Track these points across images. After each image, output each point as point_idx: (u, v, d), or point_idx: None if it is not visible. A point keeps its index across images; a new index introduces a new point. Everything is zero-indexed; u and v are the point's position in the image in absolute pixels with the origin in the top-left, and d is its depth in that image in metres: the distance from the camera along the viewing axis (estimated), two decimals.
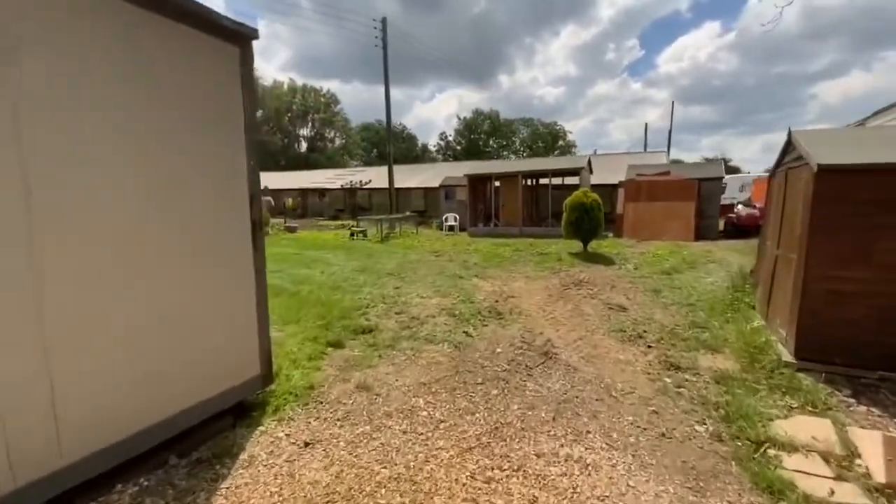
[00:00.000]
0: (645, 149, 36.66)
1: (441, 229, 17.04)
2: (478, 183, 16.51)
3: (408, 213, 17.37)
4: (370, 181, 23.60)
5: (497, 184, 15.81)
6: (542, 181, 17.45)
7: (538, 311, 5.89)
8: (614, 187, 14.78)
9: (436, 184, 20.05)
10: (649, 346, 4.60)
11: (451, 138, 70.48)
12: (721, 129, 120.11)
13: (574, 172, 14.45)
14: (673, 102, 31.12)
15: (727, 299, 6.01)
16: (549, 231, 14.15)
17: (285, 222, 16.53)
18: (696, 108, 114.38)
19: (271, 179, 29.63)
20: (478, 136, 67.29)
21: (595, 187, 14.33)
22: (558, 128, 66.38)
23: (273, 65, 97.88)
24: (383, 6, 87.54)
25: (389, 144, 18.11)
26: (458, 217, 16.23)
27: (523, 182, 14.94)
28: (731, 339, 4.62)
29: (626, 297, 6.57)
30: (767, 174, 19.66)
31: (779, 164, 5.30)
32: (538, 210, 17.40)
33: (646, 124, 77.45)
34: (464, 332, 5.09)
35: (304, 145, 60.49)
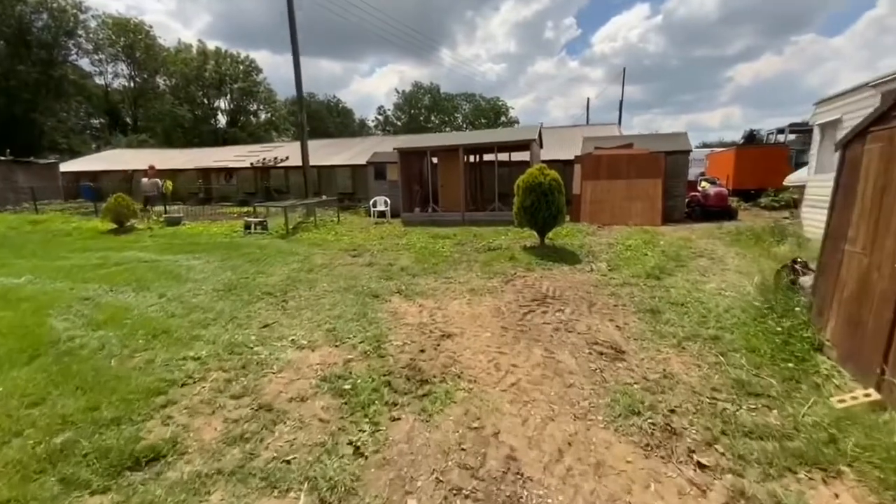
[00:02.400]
0: (587, 124, 35.63)
1: (370, 216, 14.25)
2: (412, 159, 13.83)
3: (324, 198, 14.33)
4: (287, 158, 19.95)
5: (435, 160, 13.25)
6: (487, 157, 15.16)
7: (488, 370, 3.53)
8: (567, 163, 12.79)
9: (364, 160, 17.06)
10: (699, 464, 2.40)
11: (389, 113, 66.37)
12: (649, 108, 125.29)
13: (523, 146, 12.23)
14: (624, 70, 29.74)
15: (763, 328, 4.03)
16: (495, 217, 11.93)
17: (165, 211, 12.92)
18: (628, 88, 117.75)
19: (166, 158, 24.74)
20: (418, 110, 63.73)
21: (546, 164, 12.28)
22: (500, 103, 64.44)
23: (192, 31, 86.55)
24: None
25: (302, 110, 14.72)
26: (388, 201, 13.51)
27: (465, 159, 12.50)
28: (832, 429, 2.55)
29: (614, 324, 4.41)
30: (722, 149, 18.56)
31: (866, 129, 3.25)
32: (483, 192, 15.12)
33: (587, 98, 77.49)
34: (350, 443, 2.60)
35: (223, 120, 53.53)
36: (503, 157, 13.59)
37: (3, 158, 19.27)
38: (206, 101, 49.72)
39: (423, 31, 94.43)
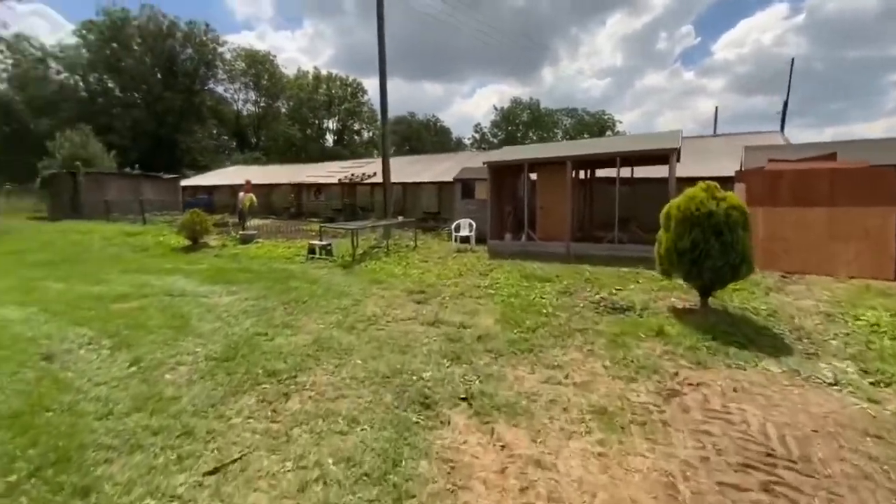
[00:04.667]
0: (714, 135, 29.79)
1: (452, 240, 12.19)
2: (504, 175, 11.50)
3: (400, 219, 12.60)
4: (374, 174, 19.05)
5: (533, 177, 10.73)
6: (600, 173, 12.18)
7: None
8: (723, 181, 9.28)
9: (451, 177, 15.20)
10: None
11: (486, 130, 65.27)
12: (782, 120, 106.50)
13: (658, 157, 9.10)
14: (793, 60, 23.98)
15: None
16: (614, 252, 8.98)
17: (242, 228, 12.41)
18: (758, 98, 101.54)
19: (268, 174, 25.86)
20: (515, 127, 61.59)
21: (683, 182, 9.02)
22: (607, 117, 59.32)
23: (318, 62, 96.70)
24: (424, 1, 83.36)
25: (384, 122, 13.31)
26: (474, 225, 11.28)
27: (573, 174, 9.78)
28: None
29: None
30: None
31: None
32: (593, 217, 12.13)
33: (716, 107, 67.97)
34: None
35: (330, 139, 57.32)
36: (625, 172, 10.55)
37: (133, 173, 21.43)
38: (316, 122, 53.54)
39: (524, 49, 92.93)
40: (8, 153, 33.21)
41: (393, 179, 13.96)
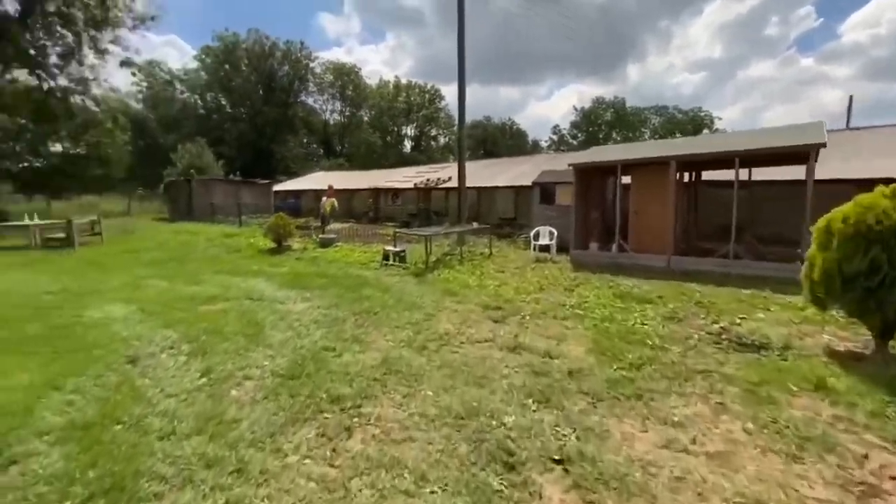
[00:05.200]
0: (847, 128, 25.00)
1: (530, 248, 11.39)
2: (592, 178, 10.45)
3: (475, 225, 12.02)
4: (449, 179, 18.81)
5: (626, 180, 9.57)
6: (706, 174, 10.58)
7: None
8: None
9: (529, 181, 14.36)
10: None
11: (565, 131, 62.69)
12: None
13: (794, 155, 7.47)
14: None
15: None
16: (727, 268, 7.58)
17: (322, 231, 12.78)
18: (883, 86, 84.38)
19: (349, 179, 26.99)
20: (597, 127, 58.27)
21: (823, 185, 7.27)
22: (703, 114, 53.63)
23: (398, 72, 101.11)
24: (503, 3, 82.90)
25: (461, 125, 12.89)
26: (555, 233, 10.36)
27: (678, 176, 8.47)
28: None
29: None
30: None
31: None
32: (697, 225, 10.57)
33: (850, 97, 57.93)
34: None
35: (408, 145, 59.09)
36: (730, 173, 8.93)
37: (235, 179, 23.63)
38: (395, 129, 55.48)
39: (607, 47, 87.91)
40: (142, 164, 38.86)
41: (468, 184, 13.52)
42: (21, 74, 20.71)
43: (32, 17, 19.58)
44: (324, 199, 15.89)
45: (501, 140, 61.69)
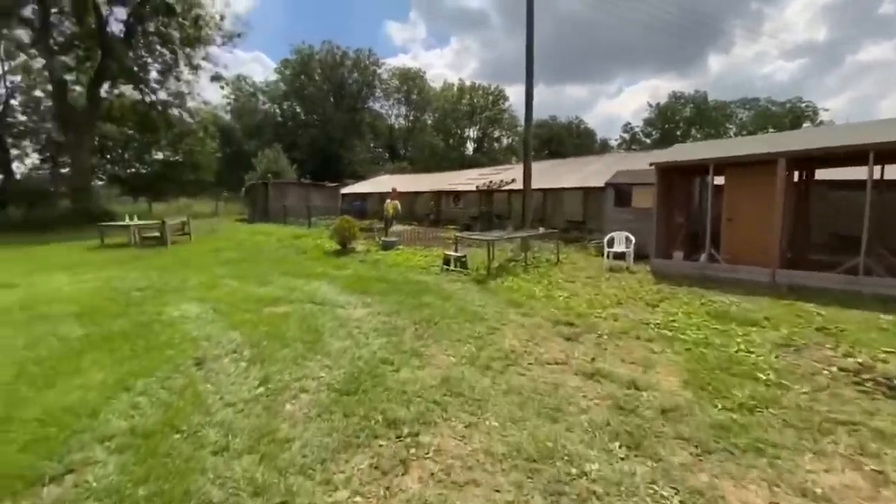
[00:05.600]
0: None
1: (602, 255, 10.51)
2: (677, 179, 9.37)
3: (541, 230, 11.31)
4: (513, 181, 18.17)
5: (719, 180, 8.41)
6: (820, 173, 9.04)
7: None
8: None
9: (601, 182, 13.36)
10: None
11: (637, 129, 59.03)
12: None
13: None
14: None
15: None
16: (853, 285, 6.30)
17: (385, 233, 12.84)
18: None
19: (413, 181, 27.26)
20: (674, 124, 54.07)
21: None
22: (804, 105, 47.53)
23: (462, 74, 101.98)
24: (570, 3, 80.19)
25: (528, 123, 12.25)
26: (632, 239, 9.41)
27: (787, 175, 7.22)
28: None
29: None
30: None
31: None
32: (809, 233, 9.07)
33: None
34: None
35: (471, 147, 58.97)
36: (849, 171, 7.44)
37: (305, 182, 24.87)
38: (457, 131, 55.60)
39: (686, 36, 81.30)
40: (228, 169, 42.54)
41: (533, 185, 12.86)
42: (126, 90, 23.51)
43: (135, 36, 22.12)
44: (387, 201, 16.08)
45: (568, 140, 59.44)
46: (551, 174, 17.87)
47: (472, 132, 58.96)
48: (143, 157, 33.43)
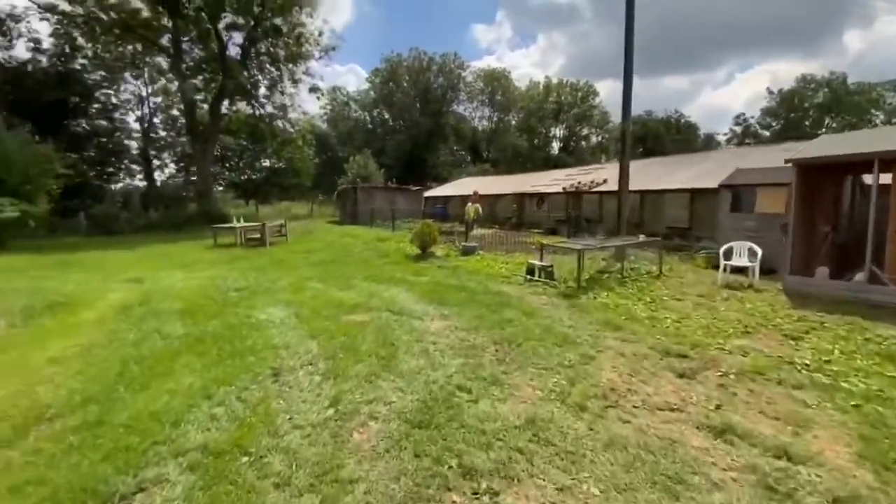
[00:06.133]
0: None
1: (716, 268, 9.01)
2: (821, 178, 7.63)
3: (641, 238, 10.00)
4: (605, 181, 16.71)
5: (884, 179, 6.61)
6: None
7: None
8: None
9: (713, 183, 11.59)
10: None
11: (752, 120, 51.91)
12: None
13: None
14: None
15: None
16: None
17: (465, 237, 12.48)
18: None
19: (495, 184, 26.69)
20: (802, 112, 46.40)
21: None
22: None
23: (549, 72, 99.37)
24: None
25: (626, 116, 11.00)
26: (758, 251, 7.86)
27: None
28: None
29: None
30: None
31: None
32: None
33: None
34: None
35: (556, 147, 56.70)
36: None
37: (391, 186, 25.68)
38: (543, 131, 53.74)
39: (814, 10, 69.34)
40: (323, 174, 45.92)
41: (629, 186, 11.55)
42: (241, 105, 26.41)
43: (249, 58, 24.73)
44: (468, 204, 15.78)
45: (665, 136, 54.28)
46: (649, 174, 16.10)
47: (557, 131, 56.61)
48: (254, 164, 37.44)
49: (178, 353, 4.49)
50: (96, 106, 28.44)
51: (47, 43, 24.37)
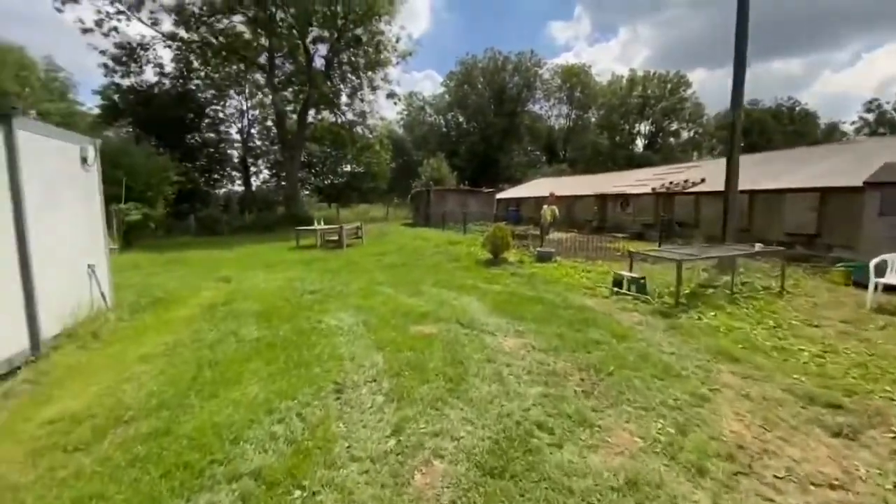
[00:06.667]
0: None
1: (858, 286, 7.28)
2: None
3: (757, 247, 8.41)
4: (702, 181, 14.73)
5: None
6: None
7: None
8: None
9: (854, 180, 9.55)
10: None
11: (888, 107, 43.81)
12: None
13: None
14: None
15: None
16: None
17: (541, 242, 11.65)
18: None
19: (572, 184, 25.20)
20: None
21: None
22: None
23: (633, 65, 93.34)
24: None
25: (736, 105, 9.41)
26: None
27: None
28: None
29: None
30: None
31: None
32: None
33: None
34: None
35: (640, 144, 52.60)
36: None
37: (464, 188, 25.43)
38: (626, 128, 50.15)
39: None
40: (399, 177, 47.34)
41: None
42: (325, 114, 27.97)
43: (332, 68, 26.09)
44: (545, 206, 14.92)
45: (775, 127, 47.72)
46: (760, 171, 13.88)
47: (642, 127, 52.39)
48: (336, 169, 39.66)
49: (248, 359, 4.48)
50: (207, 121, 32.12)
51: (169, 67, 27.94)
